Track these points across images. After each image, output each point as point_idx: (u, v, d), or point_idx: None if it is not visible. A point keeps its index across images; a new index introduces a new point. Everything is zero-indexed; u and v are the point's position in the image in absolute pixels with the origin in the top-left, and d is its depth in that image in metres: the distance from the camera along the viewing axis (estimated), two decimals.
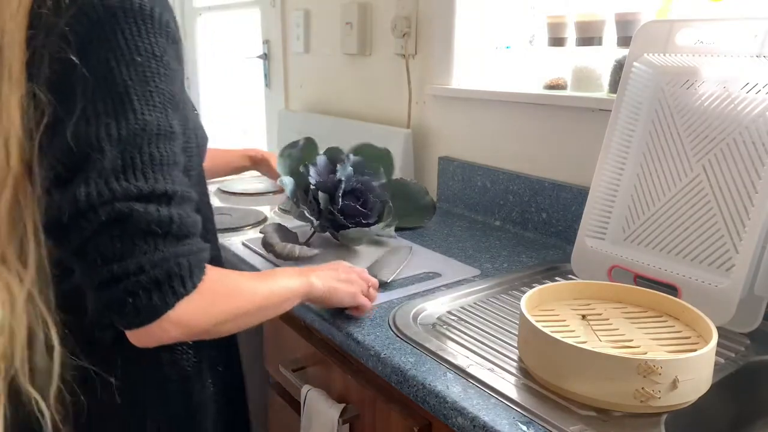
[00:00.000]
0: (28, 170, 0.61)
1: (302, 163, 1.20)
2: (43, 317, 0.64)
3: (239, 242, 1.26)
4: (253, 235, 1.32)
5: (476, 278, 1.07)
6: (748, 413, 0.81)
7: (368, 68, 1.81)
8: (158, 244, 0.57)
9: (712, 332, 0.72)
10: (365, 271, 0.94)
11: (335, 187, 1.14)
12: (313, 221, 1.16)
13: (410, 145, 1.61)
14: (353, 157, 1.21)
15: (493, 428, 0.66)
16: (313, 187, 1.15)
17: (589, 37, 1.27)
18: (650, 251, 0.98)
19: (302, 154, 1.24)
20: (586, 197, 1.05)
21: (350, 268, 0.90)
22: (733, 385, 0.79)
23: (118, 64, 0.58)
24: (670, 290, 0.88)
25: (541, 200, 1.31)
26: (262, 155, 1.34)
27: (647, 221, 0.99)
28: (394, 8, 1.64)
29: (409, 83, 1.63)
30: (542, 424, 0.66)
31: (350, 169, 1.17)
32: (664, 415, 0.68)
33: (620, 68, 1.08)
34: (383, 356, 0.81)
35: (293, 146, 1.26)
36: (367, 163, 1.22)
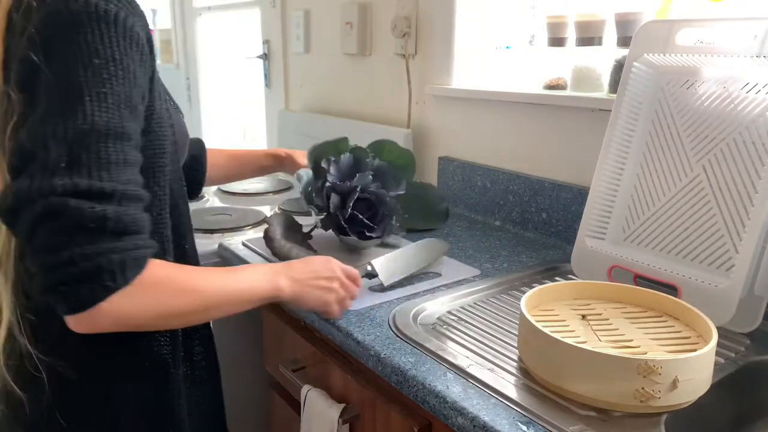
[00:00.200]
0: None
1: (323, 157, 1.17)
2: (11, 305, 0.70)
3: (239, 242, 1.26)
4: (253, 234, 1.32)
5: (476, 278, 1.07)
6: (748, 413, 0.81)
7: (368, 68, 1.81)
8: (91, 239, 0.60)
9: (712, 332, 0.72)
10: (356, 273, 0.91)
11: (348, 193, 1.12)
12: (317, 216, 1.15)
13: (410, 145, 1.61)
14: (377, 161, 1.18)
15: (493, 428, 0.66)
16: (329, 184, 1.14)
17: (589, 37, 1.27)
18: (650, 251, 0.98)
19: (330, 148, 1.19)
20: (586, 197, 1.05)
21: (335, 270, 0.87)
22: (733, 385, 0.79)
23: (76, 65, 0.62)
24: (670, 290, 0.88)
25: (541, 200, 1.31)
26: (286, 152, 1.33)
27: (647, 221, 0.99)
28: (394, 8, 1.64)
29: (409, 83, 1.63)
30: (542, 424, 0.66)
31: (370, 177, 1.13)
32: (664, 415, 0.68)
33: (620, 68, 1.08)
34: (383, 356, 0.81)
35: (327, 143, 1.22)
36: (391, 168, 1.17)
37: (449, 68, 1.52)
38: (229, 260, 1.22)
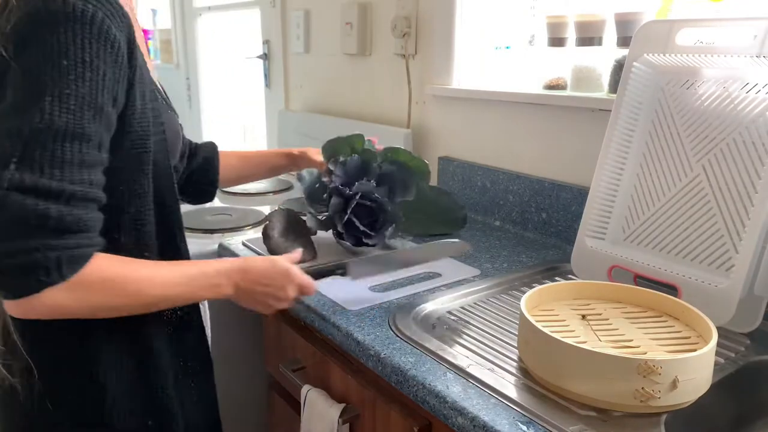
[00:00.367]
0: None
1: (337, 153, 1.16)
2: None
3: (239, 242, 1.26)
4: (253, 235, 1.32)
5: (476, 278, 1.07)
6: (748, 413, 0.81)
7: (368, 68, 1.81)
8: (31, 234, 0.61)
9: (712, 332, 0.72)
10: (312, 290, 0.88)
11: (349, 199, 1.11)
12: (319, 215, 1.15)
13: (410, 145, 1.61)
14: (385, 166, 1.16)
15: (493, 428, 0.66)
16: (332, 185, 1.13)
17: (589, 37, 1.27)
18: (650, 251, 0.98)
19: (344, 144, 1.18)
20: (586, 197, 1.05)
21: (287, 289, 0.85)
22: (733, 385, 0.79)
23: (45, 64, 0.63)
24: (670, 290, 0.88)
25: (541, 200, 1.31)
26: (299, 150, 1.33)
27: (647, 221, 0.99)
28: (394, 8, 1.64)
29: (409, 83, 1.63)
30: (542, 424, 0.66)
31: (372, 184, 1.12)
32: (664, 415, 0.68)
33: (620, 68, 1.08)
34: (383, 356, 0.81)
35: (341, 139, 1.20)
36: (400, 174, 1.16)
37: (449, 68, 1.52)
38: None
